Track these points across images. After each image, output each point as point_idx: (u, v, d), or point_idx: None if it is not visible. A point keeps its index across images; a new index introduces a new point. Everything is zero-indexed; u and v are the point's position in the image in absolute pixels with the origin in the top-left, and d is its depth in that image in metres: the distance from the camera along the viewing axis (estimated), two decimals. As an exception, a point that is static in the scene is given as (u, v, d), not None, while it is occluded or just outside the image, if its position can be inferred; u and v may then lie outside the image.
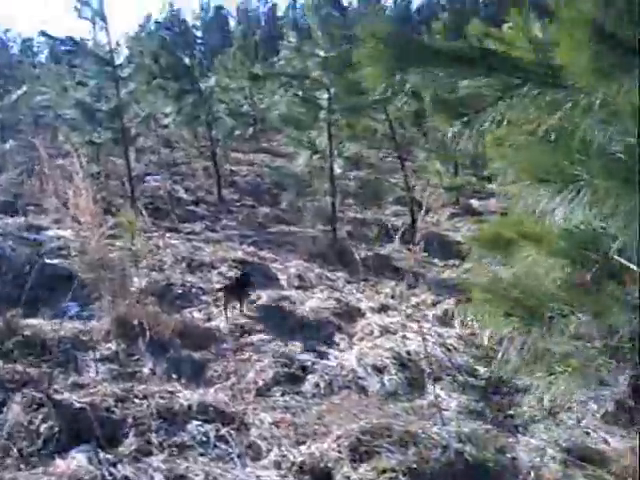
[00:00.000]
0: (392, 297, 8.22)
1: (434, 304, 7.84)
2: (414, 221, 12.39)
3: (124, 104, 13.05)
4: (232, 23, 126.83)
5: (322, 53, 10.54)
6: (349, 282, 8.94)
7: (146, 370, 5.71)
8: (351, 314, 7.42)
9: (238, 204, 14.91)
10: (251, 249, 10.08)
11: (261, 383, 5.55)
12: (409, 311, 7.55)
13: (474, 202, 15.31)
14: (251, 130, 23.02)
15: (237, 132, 17.40)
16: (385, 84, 3.34)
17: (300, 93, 11.04)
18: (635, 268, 3.43)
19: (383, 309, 7.64)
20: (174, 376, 5.61)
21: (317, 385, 5.56)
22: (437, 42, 4.63)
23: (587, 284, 3.84)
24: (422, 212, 9.44)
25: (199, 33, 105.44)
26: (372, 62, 3.37)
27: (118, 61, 13.04)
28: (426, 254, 10.29)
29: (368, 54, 3.35)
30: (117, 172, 14.25)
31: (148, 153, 19.12)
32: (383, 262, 9.99)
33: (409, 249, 10.72)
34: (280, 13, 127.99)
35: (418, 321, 7.06)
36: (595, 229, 3.66)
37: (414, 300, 8.04)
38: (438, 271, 10.06)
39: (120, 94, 12.88)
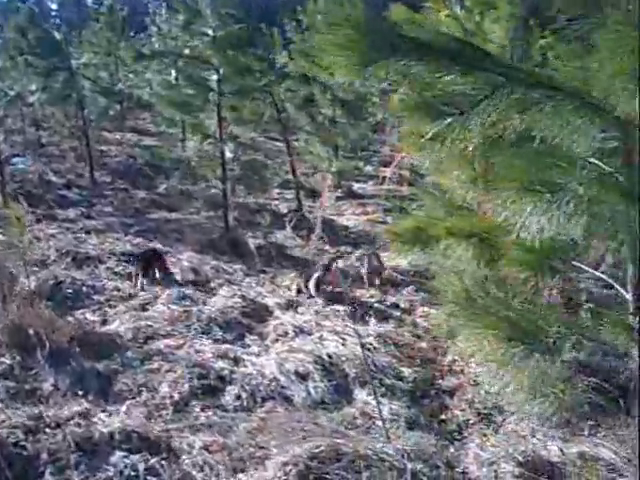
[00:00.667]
0: (297, 291, 7.82)
1: (343, 300, 7.52)
2: (301, 206, 12.09)
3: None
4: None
5: (211, 32, 10.00)
6: (247, 275, 8.49)
7: (47, 386, 5.11)
8: (259, 313, 6.96)
9: (111, 187, 14.15)
10: (138, 240, 9.44)
11: (177, 397, 5.05)
12: (317, 307, 7.20)
13: (355, 185, 15.12)
14: (118, 108, 22.06)
15: (111, 112, 16.59)
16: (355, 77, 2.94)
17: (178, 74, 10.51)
18: (625, 293, 3.17)
19: (291, 305, 7.23)
20: (80, 392, 5.04)
21: (239, 397, 5.12)
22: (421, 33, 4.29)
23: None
24: (321, 200, 9.11)
25: (54, 6, 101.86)
26: (343, 52, 2.96)
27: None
28: (320, 241, 10.04)
29: (338, 42, 2.95)
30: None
31: (14, 133, 17.95)
32: (277, 251, 9.61)
33: (300, 236, 10.48)
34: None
35: (330, 319, 6.76)
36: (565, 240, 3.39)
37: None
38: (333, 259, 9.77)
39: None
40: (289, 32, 16.95)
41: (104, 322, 6.54)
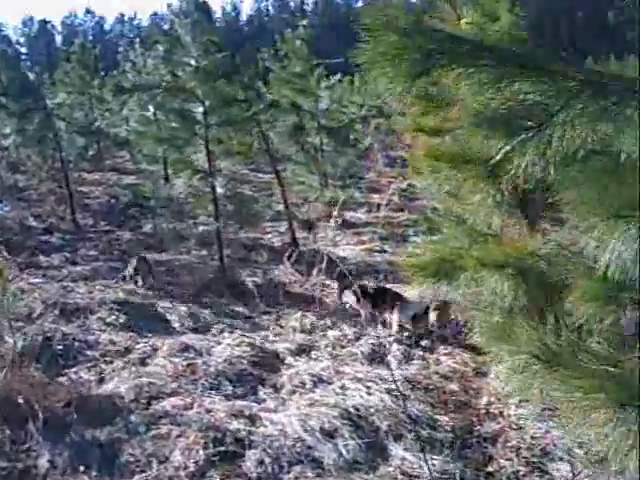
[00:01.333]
0: (307, 332, 7.26)
1: (357, 338, 6.96)
2: (295, 239, 11.57)
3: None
4: (58, 38, 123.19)
5: (193, 62, 9.50)
6: (249, 318, 7.93)
7: (43, 462, 4.45)
8: (270, 361, 6.34)
9: (95, 230, 13.59)
10: (129, 286, 8.82)
11: (192, 467, 4.42)
12: (333, 350, 6.63)
13: (347, 214, 14.63)
14: (95, 147, 21.53)
15: (90, 152, 16.06)
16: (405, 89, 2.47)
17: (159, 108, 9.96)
18: None
19: (303, 350, 6.65)
20: (81, 468, 4.41)
21: (261, 462, 4.49)
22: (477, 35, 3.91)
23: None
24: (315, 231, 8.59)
25: (23, 49, 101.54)
26: (391, 62, 2.46)
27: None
28: (324, 277, 9.50)
29: (386, 51, 2.44)
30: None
31: (-12, 179, 17.36)
32: (277, 289, 9.07)
33: (299, 271, 9.92)
34: (107, 27, 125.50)
35: (348, 363, 6.20)
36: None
37: (331, 334, 7.13)
38: (330, 293, 9.24)
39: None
40: (267, 60, 16.61)
41: (101, 381, 5.90)
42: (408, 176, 17.55)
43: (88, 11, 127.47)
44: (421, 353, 6.61)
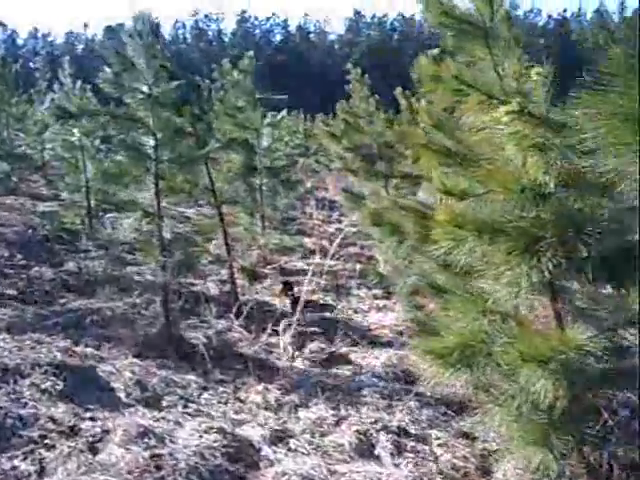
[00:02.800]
0: (272, 410, 6.34)
1: (337, 422, 6.06)
2: (236, 289, 10.65)
3: None
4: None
5: (146, 89, 8.52)
6: (204, 389, 6.92)
7: None
8: (245, 452, 5.35)
9: (11, 264, 12.30)
10: (64, 343, 7.66)
11: None
12: (312, 438, 5.71)
13: (283, 259, 13.82)
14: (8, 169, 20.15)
15: (14, 178, 14.82)
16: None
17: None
18: None
19: (280, 439, 5.69)
20: None
21: None
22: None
23: None
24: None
25: None
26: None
27: None
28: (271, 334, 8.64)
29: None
30: None
31: None
32: (227, 349, 8.15)
33: (247, 328, 9.05)
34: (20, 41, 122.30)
35: (338, 459, 5.31)
36: None
37: (304, 416, 6.21)
38: (285, 355, 8.38)
39: None
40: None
41: (41, 473, 4.84)
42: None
43: (0, 23, 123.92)
44: (413, 444, 5.75)
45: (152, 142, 8.38)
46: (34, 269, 11.82)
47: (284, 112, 14.67)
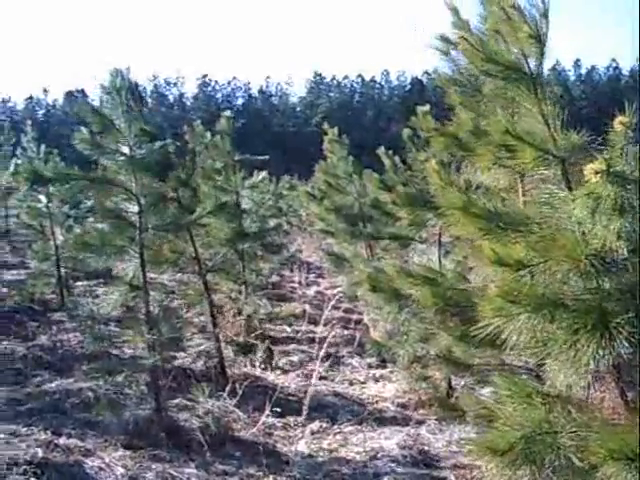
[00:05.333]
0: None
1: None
2: (223, 363, 9.91)
3: None
4: None
5: (127, 150, 7.85)
6: (206, 485, 6.20)
7: None
8: None
9: (-24, 339, 11.53)
10: (44, 435, 6.82)
11: None
12: None
13: (268, 326, 13.11)
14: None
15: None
16: None
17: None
18: None
19: None
20: None
21: None
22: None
23: None
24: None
25: None
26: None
27: None
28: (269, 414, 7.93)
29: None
30: None
31: None
32: (224, 434, 7.42)
33: (243, 409, 8.33)
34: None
35: None
36: None
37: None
38: (287, 438, 7.68)
39: None
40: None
41: None
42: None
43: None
44: None
45: (136, 208, 7.69)
46: (3, 344, 11.06)
47: (263, 173, 14.09)
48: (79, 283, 16.17)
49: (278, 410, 8.05)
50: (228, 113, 13.37)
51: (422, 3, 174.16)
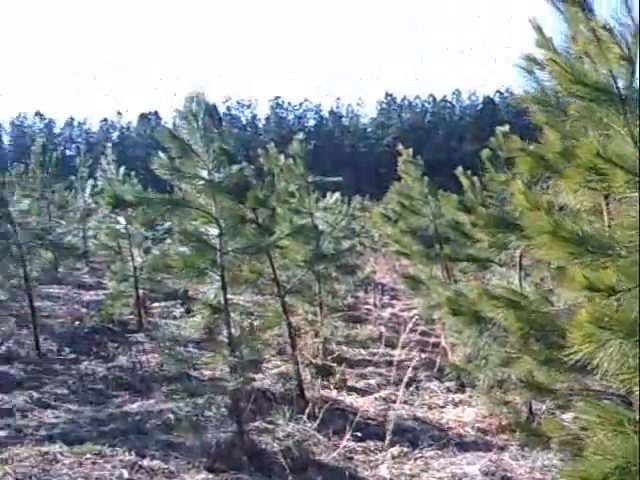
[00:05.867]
0: None
1: None
2: (302, 387, 9.87)
3: None
4: (5, 138, 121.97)
5: (205, 174, 7.90)
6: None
7: None
8: None
9: (60, 358, 11.75)
10: (128, 456, 6.90)
11: None
12: None
13: (344, 348, 13.05)
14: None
15: (61, 269, 14.33)
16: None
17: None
18: None
19: None
20: None
21: None
22: None
23: None
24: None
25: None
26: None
27: None
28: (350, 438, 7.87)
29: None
30: None
31: None
32: (305, 458, 7.37)
33: (323, 433, 8.27)
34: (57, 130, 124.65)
35: None
36: None
37: None
38: (368, 463, 7.60)
39: None
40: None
41: None
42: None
43: (38, 113, 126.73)
44: None
45: (216, 231, 7.74)
46: (84, 364, 11.27)
47: (337, 195, 14.08)
48: (155, 304, 16.37)
49: (358, 434, 7.97)
50: (301, 136, 13.37)
51: (490, 24, 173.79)
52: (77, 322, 14.32)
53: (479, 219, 8.97)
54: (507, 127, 9.96)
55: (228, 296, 7.91)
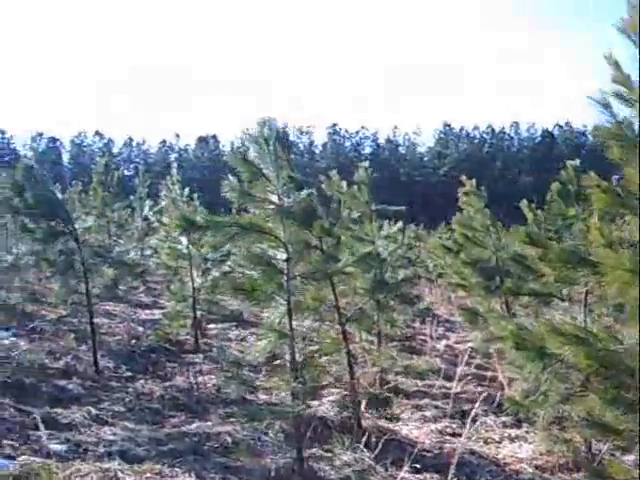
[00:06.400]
0: None
1: None
2: (359, 416, 9.75)
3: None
4: (65, 156, 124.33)
5: (275, 199, 7.90)
6: None
7: None
8: None
9: (116, 376, 11.79)
10: (189, 478, 6.78)
11: None
12: None
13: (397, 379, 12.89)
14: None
15: (122, 287, 14.42)
16: None
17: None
18: None
19: None
20: None
21: None
22: None
23: None
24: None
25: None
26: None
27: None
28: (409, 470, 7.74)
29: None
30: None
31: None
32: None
33: (381, 464, 8.14)
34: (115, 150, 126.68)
35: None
36: None
37: None
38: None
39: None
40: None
41: None
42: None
43: (97, 133, 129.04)
44: None
45: (284, 256, 7.72)
46: (139, 382, 11.30)
47: (399, 224, 14.03)
48: (211, 325, 16.42)
49: (417, 466, 7.85)
50: (366, 163, 13.37)
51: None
52: (134, 340, 14.37)
53: (548, 253, 8.84)
54: (577, 161, 9.87)
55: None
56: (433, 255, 24.59)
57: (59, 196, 12.97)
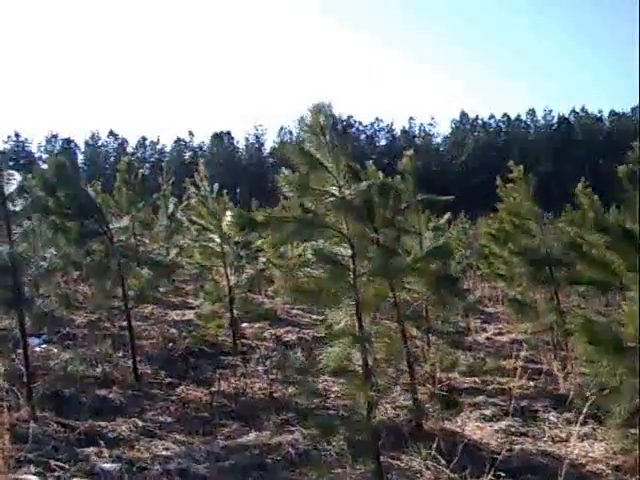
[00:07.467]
0: None
1: None
2: (421, 419, 9.16)
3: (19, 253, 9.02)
4: (80, 157, 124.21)
5: (336, 191, 7.19)
6: None
7: None
8: None
9: (157, 382, 11.17)
10: None
11: None
12: None
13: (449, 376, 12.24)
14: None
15: (161, 289, 13.84)
16: None
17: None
18: None
19: None
20: None
21: None
22: None
23: None
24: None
25: (45, 166, 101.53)
26: None
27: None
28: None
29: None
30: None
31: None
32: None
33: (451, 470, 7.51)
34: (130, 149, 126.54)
35: None
36: None
37: None
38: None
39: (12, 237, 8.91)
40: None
41: None
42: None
43: (111, 133, 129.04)
44: None
45: (349, 252, 7.00)
46: (181, 387, 10.71)
47: (447, 215, 13.37)
48: (244, 324, 15.80)
49: (501, 474, 7.20)
50: (411, 152, 12.68)
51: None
52: (170, 344, 13.76)
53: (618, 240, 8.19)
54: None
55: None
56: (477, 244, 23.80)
57: (92, 195, 12.37)
